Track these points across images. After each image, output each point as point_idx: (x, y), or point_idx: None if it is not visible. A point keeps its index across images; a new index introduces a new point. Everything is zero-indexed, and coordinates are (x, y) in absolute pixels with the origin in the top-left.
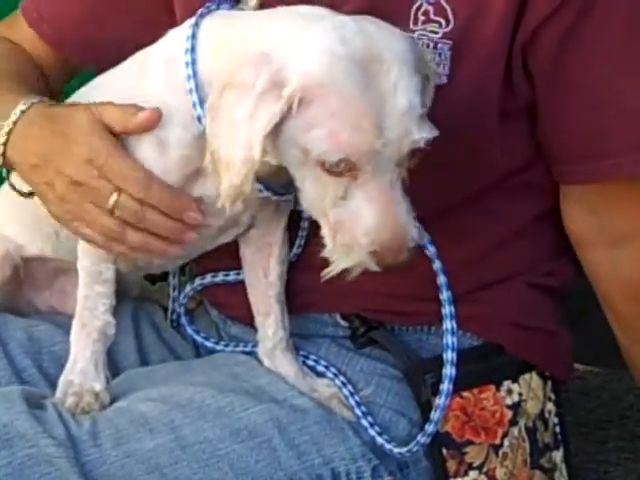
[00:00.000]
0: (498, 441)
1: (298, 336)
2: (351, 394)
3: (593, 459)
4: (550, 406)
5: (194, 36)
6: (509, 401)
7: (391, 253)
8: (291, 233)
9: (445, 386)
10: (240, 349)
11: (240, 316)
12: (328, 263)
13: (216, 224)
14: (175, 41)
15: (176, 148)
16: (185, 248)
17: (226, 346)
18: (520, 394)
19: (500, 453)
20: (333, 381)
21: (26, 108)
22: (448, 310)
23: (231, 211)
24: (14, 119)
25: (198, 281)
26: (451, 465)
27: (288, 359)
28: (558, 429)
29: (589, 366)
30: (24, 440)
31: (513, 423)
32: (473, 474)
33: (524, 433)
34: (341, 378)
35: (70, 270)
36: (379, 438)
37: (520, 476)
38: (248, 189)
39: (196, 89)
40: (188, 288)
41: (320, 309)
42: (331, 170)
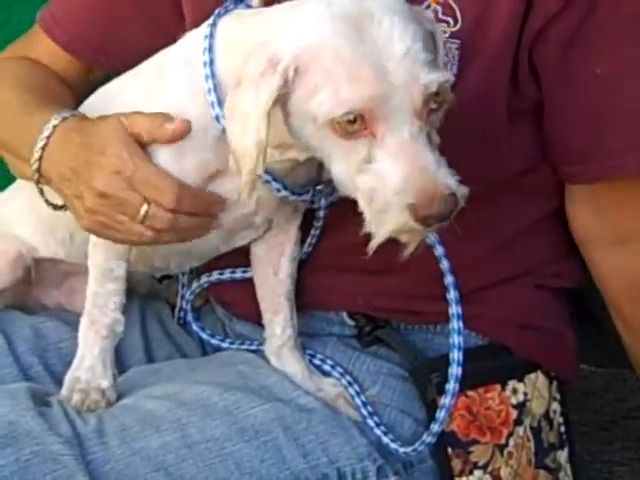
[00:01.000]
0: (503, 440)
1: (305, 334)
2: (357, 394)
3: (598, 459)
4: (555, 406)
5: (212, 35)
6: (514, 401)
7: (426, 204)
8: (303, 231)
9: (451, 385)
10: (245, 347)
11: (246, 314)
12: (371, 238)
13: (230, 220)
14: (193, 42)
15: (194, 152)
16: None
17: (232, 344)
18: (525, 394)
19: (505, 452)
20: (339, 380)
21: (58, 123)
22: (455, 310)
23: (248, 208)
24: (47, 134)
25: (205, 278)
26: (456, 464)
27: (295, 357)
28: (563, 429)
29: (594, 367)
30: (30, 438)
31: (518, 423)
32: (478, 473)
33: (529, 433)
34: (347, 378)
35: (80, 271)
36: (385, 437)
37: (525, 475)
38: (260, 171)
39: (214, 89)
40: (195, 285)
41: (327, 307)
42: (347, 132)
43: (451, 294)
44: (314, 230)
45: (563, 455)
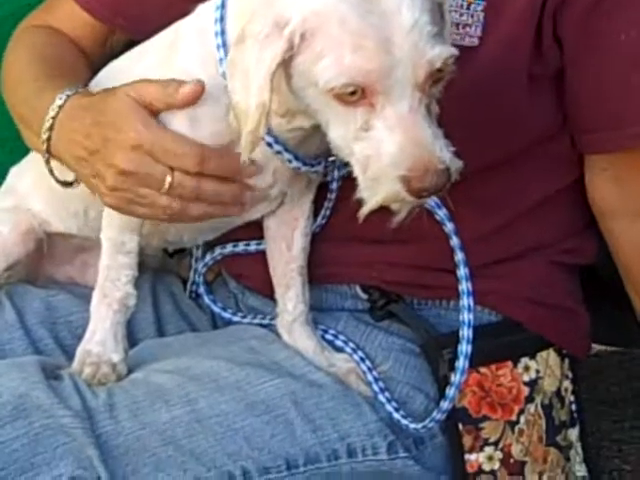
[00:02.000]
0: (514, 417)
1: (317, 309)
2: (369, 369)
3: (608, 437)
4: (567, 384)
5: (223, 6)
6: (526, 378)
7: (420, 176)
8: (316, 204)
9: (461, 363)
10: (258, 321)
11: (259, 287)
12: (362, 204)
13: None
14: (205, 13)
15: (208, 123)
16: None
17: (244, 317)
18: (537, 371)
19: (516, 429)
20: (351, 356)
21: (63, 102)
22: (465, 287)
23: (265, 180)
24: (53, 114)
25: (218, 250)
26: (467, 440)
27: (307, 333)
28: (574, 407)
29: (604, 345)
30: (40, 410)
31: (529, 400)
32: (489, 450)
33: (540, 410)
34: (359, 353)
35: (93, 246)
36: (396, 414)
37: (535, 453)
38: (262, 133)
39: (226, 58)
40: (208, 257)
41: (340, 280)
42: (346, 100)
43: (461, 271)
44: (327, 202)
45: (574, 433)
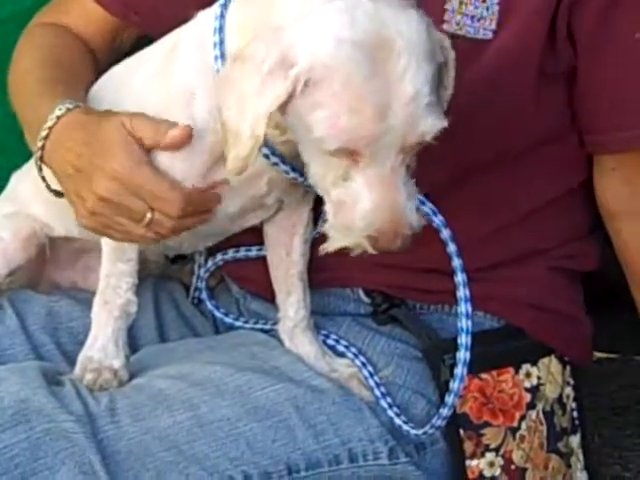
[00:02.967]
0: (516, 424)
1: (320, 314)
2: (371, 375)
3: (609, 444)
4: (568, 390)
5: (222, 16)
6: (528, 384)
7: (387, 238)
8: (317, 208)
9: (459, 370)
10: (260, 326)
11: (261, 291)
12: (327, 238)
13: (241, 201)
14: (205, 21)
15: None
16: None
17: (246, 322)
18: (539, 377)
19: (517, 436)
20: (353, 361)
21: (62, 114)
22: (463, 293)
23: (259, 190)
24: (50, 124)
25: (220, 256)
26: (468, 446)
27: (308, 338)
28: (576, 414)
29: (606, 352)
30: (42, 415)
31: (531, 406)
32: (490, 456)
33: (542, 417)
34: (361, 358)
35: (95, 248)
36: (397, 419)
37: (536, 459)
38: (253, 161)
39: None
40: (210, 263)
41: (343, 284)
42: (332, 153)
43: (459, 277)
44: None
45: (575, 440)
